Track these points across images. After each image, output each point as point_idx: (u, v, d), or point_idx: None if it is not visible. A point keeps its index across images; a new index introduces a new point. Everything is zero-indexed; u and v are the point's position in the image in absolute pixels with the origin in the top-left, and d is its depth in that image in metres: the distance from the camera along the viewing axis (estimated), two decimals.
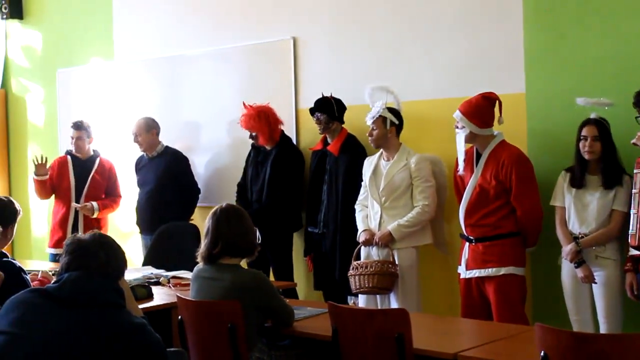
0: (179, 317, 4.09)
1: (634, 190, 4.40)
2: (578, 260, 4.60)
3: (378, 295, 5.27)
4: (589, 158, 4.59)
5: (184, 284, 4.95)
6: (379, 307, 5.19)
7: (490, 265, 4.82)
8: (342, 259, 5.56)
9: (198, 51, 7.00)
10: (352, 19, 6.03)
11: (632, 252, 4.42)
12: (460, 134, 4.92)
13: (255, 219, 4.39)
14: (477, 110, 4.86)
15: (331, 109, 5.72)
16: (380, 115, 5.25)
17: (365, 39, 5.95)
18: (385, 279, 5.10)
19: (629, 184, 4.53)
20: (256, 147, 6.21)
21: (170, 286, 5.04)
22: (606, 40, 4.89)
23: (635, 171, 4.41)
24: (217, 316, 3.87)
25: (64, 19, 8.19)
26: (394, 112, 5.32)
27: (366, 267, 5.13)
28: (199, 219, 6.49)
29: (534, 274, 5.12)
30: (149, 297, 4.70)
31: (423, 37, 5.64)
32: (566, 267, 4.72)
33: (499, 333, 3.85)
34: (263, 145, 6.12)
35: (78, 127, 6.97)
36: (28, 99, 8.59)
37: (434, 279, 5.55)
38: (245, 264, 4.58)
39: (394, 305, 5.16)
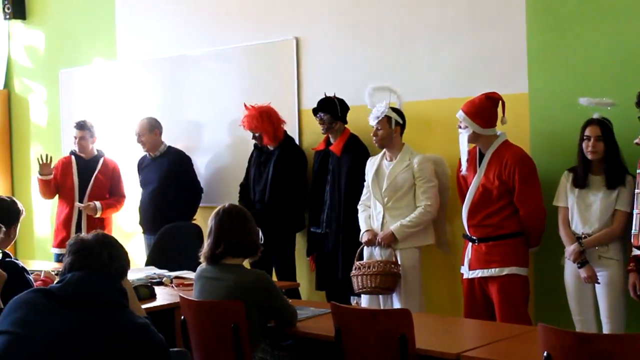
0: (182, 317, 4.10)
1: (636, 190, 4.40)
2: (581, 260, 4.60)
3: (381, 296, 5.27)
4: (592, 158, 4.59)
5: (187, 284, 4.95)
6: (382, 308, 5.19)
7: (493, 266, 4.81)
8: (345, 259, 5.56)
9: (200, 51, 7.00)
10: (354, 19, 6.03)
11: (635, 252, 4.41)
12: (463, 134, 4.92)
13: (257, 219, 4.39)
14: (480, 110, 4.86)
15: (334, 109, 5.72)
16: (386, 115, 5.26)
17: (368, 39, 5.94)
18: (387, 279, 5.10)
19: (632, 184, 4.52)
20: (259, 147, 6.21)
21: (173, 286, 5.04)
22: (609, 40, 4.88)
23: (638, 171, 4.41)
24: (220, 316, 3.87)
25: (67, 19, 8.20)
26: (397, 112, 5.32)
27: (369, 267, 5.13)
28: (200, 219, 6.49)
29: (537, 274, 5.11)
30: (152, 297, 4.70)
31: (426, 37, 5.64)
32: (569, 267, 4.72)
33: (501, 333, 3.85)
34: (267, 145, 6.11)
35: (81, 126, 6.98)
36: (31, 99, 8.60)
37: (436, 279, 5.54)
38: (248, 264, 4.57)
39: (397, 305, 5.16)
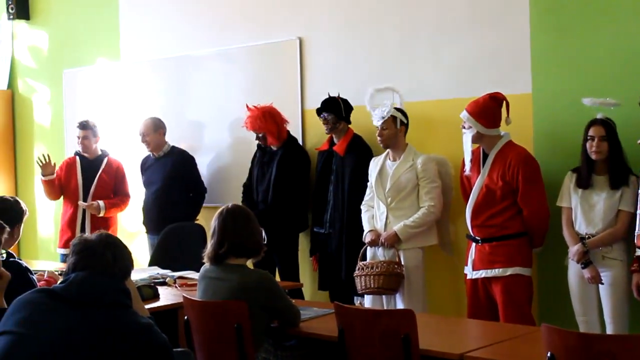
0: (185, 317, 4.10)
1: None
2: (585, 260, 4.60)
3: (384, 296, 5.27)
4: (596, 158, 4.58)
5: (190, 284, 4.95)
6: (385, 308, 5.18)
7: (497, 266, 4.81)
8: (348, 259, 5.56)
9: (204, 52, 7.00)
10: (358, 19, 6.03)
11: (638, 252, 4.40)
12: (467, 134, 4.91)
13: (261, 219, 4.39)
14: (484, 110, 4.86)
15: (339, 109, 5.72)
16: (391, 115, 5.25)
17: (372, 40, 5.94)
18: (391, 279, 5.10)
19: (636, 184, 4.52)
20: (262, 147, 6.21)
21: (176, 286, 5.04)
22: (612, 40, 4.88)
23: None
24: (224, 316, 3.87)
25: (71, 20, 8.21)
26: (401, 112, 5.32)
27: (372, 268, 5.13)
28: (202, 219, 6.49)
29: (540, 274, 5.11)
30: (155, 297, 4.70)
31: (429, 37, 5.63)
32: (573, 267, 4.71)
33: (505, 333, 3.85)
34: (271, 145, 6.11)
35: (84, 126, 6.98)
36: (34, 99, 8.60)
37: (439, 280, 5.54)
38: (252, 264, 4.57)
39: (400, 305, 5.16)
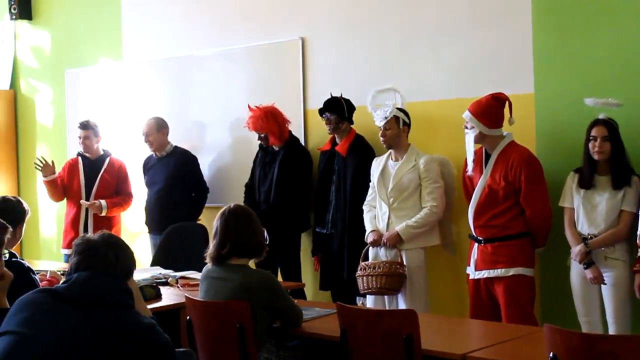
0: (188, 318, 4.10)
1: None
2: (587, 261, 4.59)
3: (386, 296, 5.27)
4: (599, 158, 4.58)
5: (193, 285, 4.95)
6: (387, 308, 5.18)
7: (499, 266, 4.81)
8: (350, 259, 5.56)
9: (206, 52, 7.01)
10: (360, 19, 6.03)
11: None
12: (469, 134, 4.91)
13: (263, 219, 4.39)
14: (487, 110, 4.86)
15: (341, 109, 5.72)
16: (394, 115, 5.25)
17: (374, 40, 5.94)
18: (393, 279, 5.10)
19: (638, 185, 4.53)
20: (264, 147, 6.21)
21: (178, 286, 5.04)
22: (615, 40, 4.87)
23: None
24: (226, 316, 3.87)
25: (73, 20, 8.21)
26: (403, 112, 5.32)
27: (374, 268, 5.12)
28: (204, 219, 6.50)
29: (543, 274, 5.11)
30: (158, 297, 4.70)
31: (431, 37, 5.63)
32: (575, 268, 4.71)
33: (507, 334, 3.84)
34: (273, 145, 6.11)
35: (85, 126, 6.98)
36: (37, 99, 8.61)
37: (442, 280, 5.54)
38: (254, 265, 4.58)
39: (402, 306, 5.16)
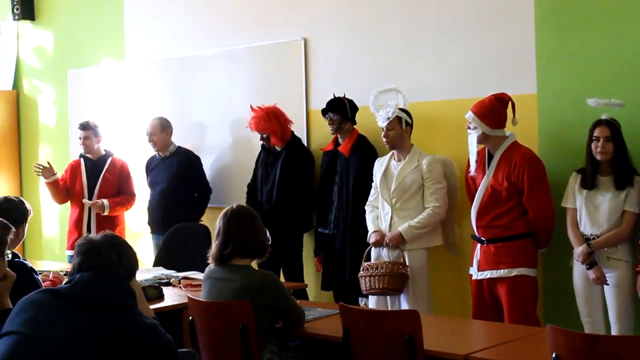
0: (190, 318, 4.10)
1: None
2: (590, 261, 4.59)
3: (388, 297, 5.27)
4: (602, 159, 4.57)
5: (195, 285, 4.95)
6: (390, 309, 5.18)
7: (502, 267, 4.81)
8: (352, 259, 5.55)
9: (209, 52, 7.01)
10: (362, 19, 6.02)
11: None
12: (472, 134, 4.91)
13: (265, 220, 4.39)
14: (490, 111, 4.85)
15: (344, 109, 5.71)
16: (396, 116, 5.25)
17: (376, 40, 5.93)
18: (395, 280, 5.10)
19: None
20: (266, 148, 6.21)
21: (181, 287, 5.04)
22: (617, 40, 4.87)
23: None
24: (228, 317, 3.87)
25: (75, 20, 8.22)
26: (406, 112, 5.32)
27: (376, 268, 5.12)
28: (206, 220, 6.50)
29: (545, 275, 5.10)
30: (160, 297, 4.71)
31: (434, 37, 5.63)
32: (578, 268, 4.70)
33: (510, 334, 3.84)
34: (275, 145, 6.12)
35: (84, 127, 6.98)
36: (39, 99, 8.62)
37: (444, 281, 5.53)
38: (256, 265, 4.57)
39: (405, 306, 5.15)
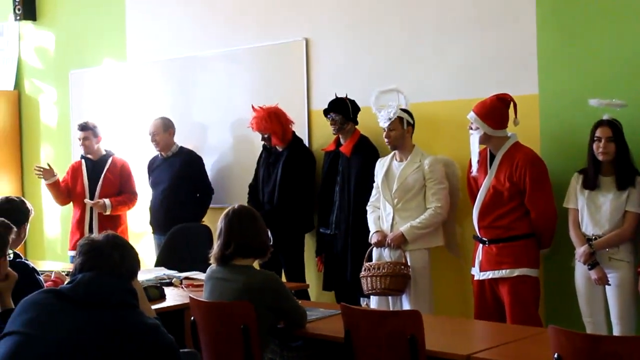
0: (192, 318, 4.10)
1: None
2: (591, 262, 4.59)
3: (390, 297, 5.26)
4: (603, 159, 4.57)
5: (197, 285, 4.95)
6: (391, 309, 5.18)
7: (504, 267, 4.80)
8: (354, 260, 5.55)
9: (210, 52, 7.01)
10: (364, 20, 6.02)
11: None
12: (474, 135, 4.91)
13: (266, 220, 4.39)
14: (492, 111, 4.85)
15: (346, 109, 5.71)
16: (398, 116, 5.25)
17: (378, 40, 5.93)
18: (397, 280, 5.09)
19: None
20: (267, 148, 6.21)
21: (182, 287, 5.05)
22: (619, 41, 4.87)
23: None
24: (230, 317, 3.87)
25: (77, 21, 8.22)
26: (407, 113, 5.32)
27: (378, 269, 5.12)
28: (207, 220, 6.50)
29: (547, 275, 5.10)
30: (162, 297, 4.71)
31: (435, 37, 5.63)
32: (579, 268, 4.70)
33: (512, 335, 3.84)
34: (276, 145, 6.12)
35: (83, 127, 6.98)
36: (41, 100, 8.62)
37: (446, 281, 5.53)
38: (258, 265, 4.57)
39: (406, 306, 5.15)
